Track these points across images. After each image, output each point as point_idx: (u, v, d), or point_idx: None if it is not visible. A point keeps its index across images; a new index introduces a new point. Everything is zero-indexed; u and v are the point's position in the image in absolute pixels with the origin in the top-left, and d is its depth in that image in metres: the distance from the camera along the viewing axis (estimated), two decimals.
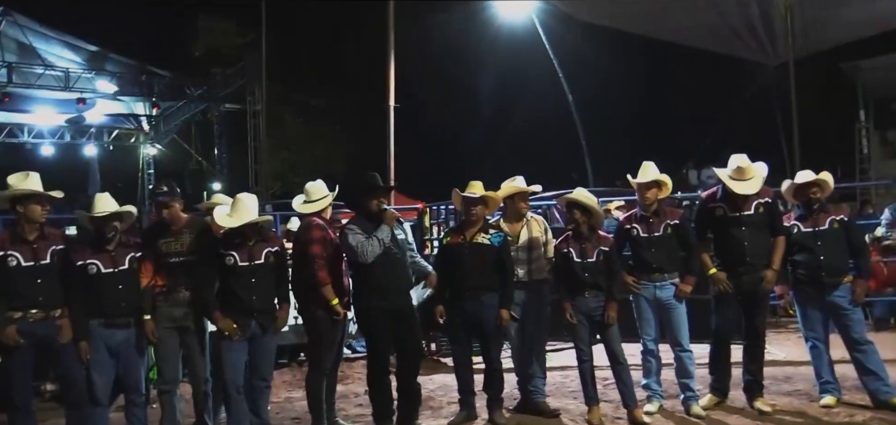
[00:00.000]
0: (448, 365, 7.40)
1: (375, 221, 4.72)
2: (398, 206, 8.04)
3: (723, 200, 5.12)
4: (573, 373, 6.27)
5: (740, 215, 5.04)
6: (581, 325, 5.03)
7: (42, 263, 4.33)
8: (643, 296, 5.14)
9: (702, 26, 13.66)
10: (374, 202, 4.77)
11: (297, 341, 7.66)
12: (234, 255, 4.60)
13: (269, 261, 4.68)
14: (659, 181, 5.17)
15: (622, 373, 5.01)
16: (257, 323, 4.65)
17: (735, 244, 5.05)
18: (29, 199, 4.33)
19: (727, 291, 5.04)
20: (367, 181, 4.87)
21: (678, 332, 5.11)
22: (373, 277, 4.71)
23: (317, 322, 4.84)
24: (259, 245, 4.68)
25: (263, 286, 4.66)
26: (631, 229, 5.21)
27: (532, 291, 5.25)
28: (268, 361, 4.79)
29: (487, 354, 5.05)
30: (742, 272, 5.04)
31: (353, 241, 4.65)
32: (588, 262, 5.00)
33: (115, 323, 4.49)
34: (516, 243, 5.26)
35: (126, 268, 4.55)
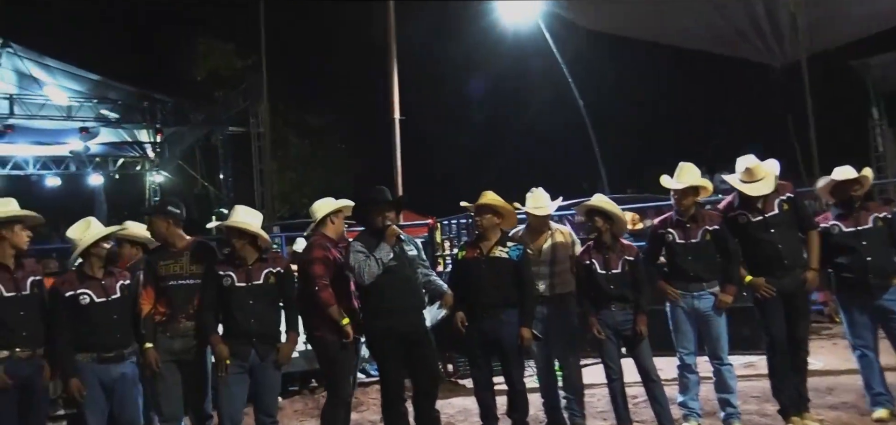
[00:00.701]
0: (468, 388, 7.08)
1: (378, 237, 4.45)
2: (408, 222, 7.76)
3: (742, 207, 4.82)
4: (600, 391, 5.95)
5: (765, 218, 4.73)
6: (608, 341, 4.71)
7: (24, 294, 4.04)
8: (680, 306, 4.80)
9: (707, 29, 13.46)
10: (379, 217, 4.49)
11: (308, 367, 7.38)
12: (232, 275, 4.31)
13: (269, 281, 4.36)
14: (697, 187, 4.84)
15: (656, 391, 4.68)
16: (256, 350, 4.32)
17: (768, 248, 4.73)
18: (12, 224, 4.05)
19: (771, 294, 4.69)
20: (372, 195, 4.60)
21: (718, 345, 4.77)
22: (379, 298, 4.42)
23: (327, 347, 4.54)
24: (258, 265, 4.37)
25: (262, 309, 4.34)
26: (666, 234, 4.87)
27: (555, 306, 4.93)
28: (271, 394, 4.47)
29: (509, 375, 4.71)
30: (780, 275, 4.70)
31: (353, 261, 4.39)
32: (612, 273, 4.69)
33: (108, 357, 4.19)
34: (539, 256, 4.96)
35: (118, 296, 4.25)
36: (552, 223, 5.15)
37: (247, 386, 4.38)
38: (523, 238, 5.01)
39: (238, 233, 4.36)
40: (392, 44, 8.34)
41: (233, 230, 4.38)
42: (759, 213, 4.74)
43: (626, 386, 4.86)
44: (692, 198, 4.81)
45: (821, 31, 12.65)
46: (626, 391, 4.82)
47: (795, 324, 4.77)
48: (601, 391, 5.96)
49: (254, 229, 4.39)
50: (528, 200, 5.02)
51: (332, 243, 4.64)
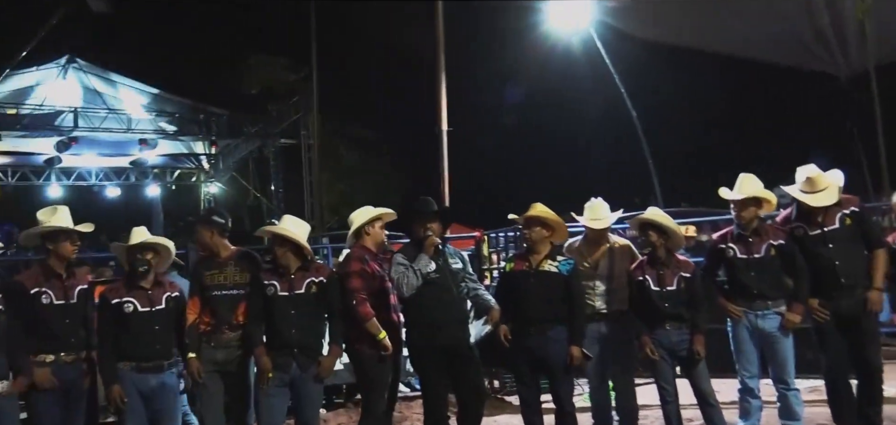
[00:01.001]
0: (514, 405, 6.90)
1: (419, 248, 4.38)
2: (454, 235, 7.65)
3: (799, 219, 4.54)
4: (651, 413, 5.70)
5: (824, 232, 4.44)
6: (663, 361, 4.48)
7: (71, 303, 4.13)
8: (743, 325, 4.54)
9: (767, 38, 13.00)
10: (421, 228, 4.41)
11: (353, 380, 7.31)
12: (275, 284, 4.27)
13: (311, 291, 4.28)
14: (758, 198, 4.59)
15: (714, 416, 4.42)
16: (297, 362, 4.24)
17: (824, 264, 4.44)
18: (58, 236, 4.14)
19: (824, 318, 4.40)
20: (415, 206, 4.53)
21: (783, 368, 4.48)
22: (420, 311, 4.34)
23: (363, 361, 4.43)
24: (300, 274, 4.30)
25: (304, 319, 4.26)
26: (726, 250, 4.62)
27: (613, 323, 4.71)
28: (312, 408, 4.37)
29: (557, 395, 4.53)
30: (837, 295, 4.41)
31: (394, 273, 4.34)
32: (667, 291, 4.47)
33: (147, 367, 4.20)
34: (596, 270, 4.76)
35: (162, 307, 4.27)
36: (612, 236, 4.93)
37: (287, 399, 4.31)
38: (579, 250, 4.83)
39: (281, 240, 4.33)
40: (440, 54, 8.29)
41: (276, 237, 4.36)
42: (817, 227, 4.46)
43: (682, 409, 4.61)
44: (753, 209, 4.55)
45: (889, 40, 12.05)
46: (681, 414, 4.57)
47: (863, 349, 4.44)
48: (653, 412, 5.71)
49: (295, 237, 4.34)
50: (586, 212, 4.83)
51: (371, 254, 4.53)
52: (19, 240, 6.94)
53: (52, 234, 4.14)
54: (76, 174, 17.76)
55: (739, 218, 4.57)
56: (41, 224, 4.16)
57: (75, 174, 17.74)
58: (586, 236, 4.92)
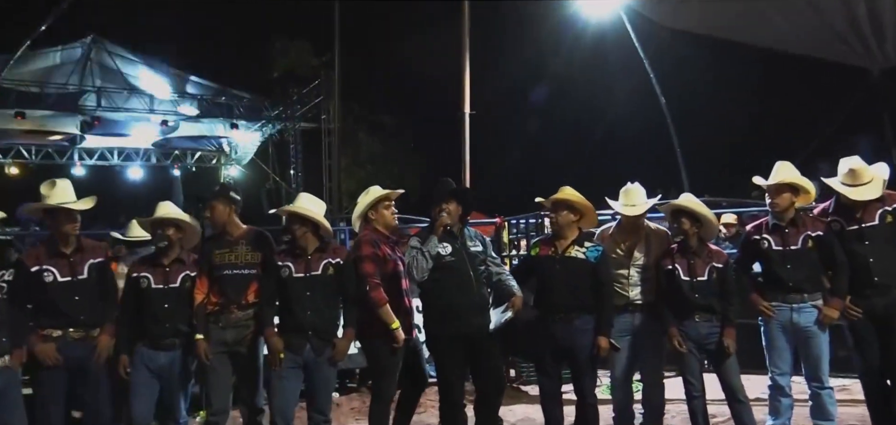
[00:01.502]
0: (531, 395, 6.77)
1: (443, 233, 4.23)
2: (474, 221, 7.52)
3: (837, 213, 4.32)
4: (674, 408, 5.52)
5: (861, 227, 4.23)
6: (691, 355, 4.30)
7: (79, 278, 4.04)
8: (777, 320, 4.34)
9: (800, 30, 12.66)
10: (436, 209, 4.27)
11: (367, 364, 7.23)
12: (290, 265, 4.17)
13: (327, 272, 4.19)
14: (794, 184, 4.37)
15: (743, 414, 4.24)
16: (312, 345, 4.15)
17: (858, 261, 4.23)
18: (57, 214, 4.05)
19: (857, 316, 4.19)
20: (435, 187, 4.39)
21: (818, 365, 4.29)
22: (436, 297, 4.20)
23: (375, 347, 4.31)
24: (317, 255, 4.20)
25: (320, 301, 4.17)
26: (761, 241, 4.41)
27: (646, 314, 4.51)
28: (325, 392, 4.29)
29: (580, 387, 4.36)
30: (870, 294, 4.20)
31: (408, 257, 4.21)
32: (698, 281, 4.28)
33: (159, 343, 4.13)
34: (630, 259, 4.55)
35: (177, 285, 4.19)
36: (649, 223, 4.72)
37: (300, 382, 4.22)
38: (613, 237, 4.63)
39: (300, 219, 4.22)
40: (465, 36, 8.14)
41: (294, 216, 4.25)
42: (855, 222, 4.24)
43: (707, 404, 4.43)
44: (788, 196, 4.35)
45: None
46: (708, 410, 4.39)
47: (893, 352, 4.20)
48: (676, 407, 5.53)
49: (315, 216, 4.22)
50: (621, 197, 4.61)
51: (383, 237, 4.35)
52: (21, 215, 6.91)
53: (51, 212, 4.06)
54: (99, 154, 17.90)
55: (774, 205, 4.37)
56: (43, 198, 4.07)
57: (98, 154, 17.88)
58: (620, 223, 4.71)
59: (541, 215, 7.52)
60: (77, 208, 4.11)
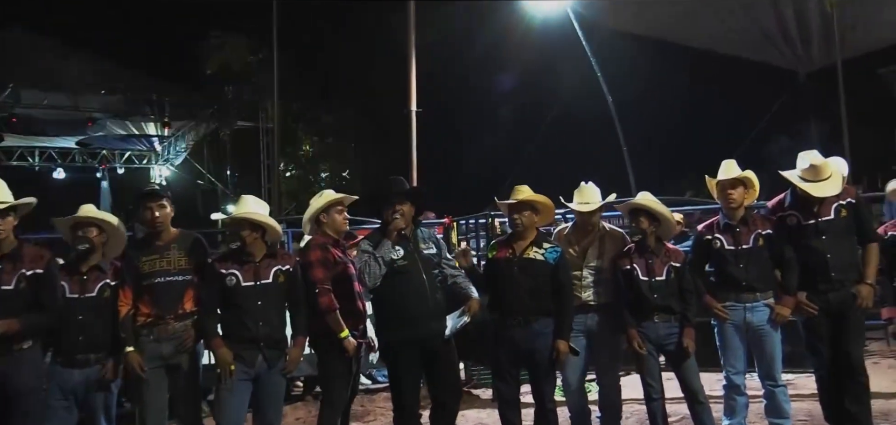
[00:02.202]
0: (483, 399, 6.64)
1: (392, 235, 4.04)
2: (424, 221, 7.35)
3: (793, 207, 4.32)
4: (630, 408, 5.48)
5: (817, 222, 4.23)
6: (650, 356, 4.23)
7: (7, 289, 3.65)
8: (731, 320, 4.32)
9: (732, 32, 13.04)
10: (389, 211, 4.08)
11: (313, 372, 6.97)
12: (237, 274, 3.91)
13: (278, 280, 3.97)
14: (745, 180, 4.37)
15: (703, 415, 4.20)
16: (264, 356, 3.92)
17: (814, 256, 4.23)
18: None
19: (813, 312, 4.20)
20: (383, 187, 4.20)
21: (772, 363, 4.29)
22: (390, 304, 4.00)
23: (325, 353, 4.14)
24: (267, 261, 3.98)
25: (271, 311, 3.96)
26: (713, 241, 4.38)
27: (602, 315, 4.43)
28: (276, 404, 4.04)
29: (539, 391, 4.23)
30: (825, 290, 4.20)
31: (358, 261, 4.03)
32: (656, 281, 4.23)
33: (72, 360, 3.79)
34: (584, 260, 4.47)
35: (94, 295, 3.85)
36: (605, 224, 4.65)
37: (249, 395, 3.96)
38: (567, 238, 4.53)
39: (250, 225, 3.94)
40: (411, 33, 7.95)
41: (244, 222, 3.96)
42: (811, 216, 4.25)
43: (666, 404, 4.35)
44: (741, 190, 4.34)
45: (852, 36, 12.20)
46: (667, 411, 4.34)
47: (846, 344, 4.24)
48: (631, 407, 5.50)
49: (267, 221, 3.99)
50: (575, 196, 4.52)
51: (333, 241, 4.21)
52: None
53: None
54: (18, 154, 16.81)
55: (731, 200, 4.35)
56: None
57: (17, 153, 16.79)
58: (575, 223, 4.63)
59: (490, 215, 7.42)
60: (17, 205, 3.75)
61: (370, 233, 4.25)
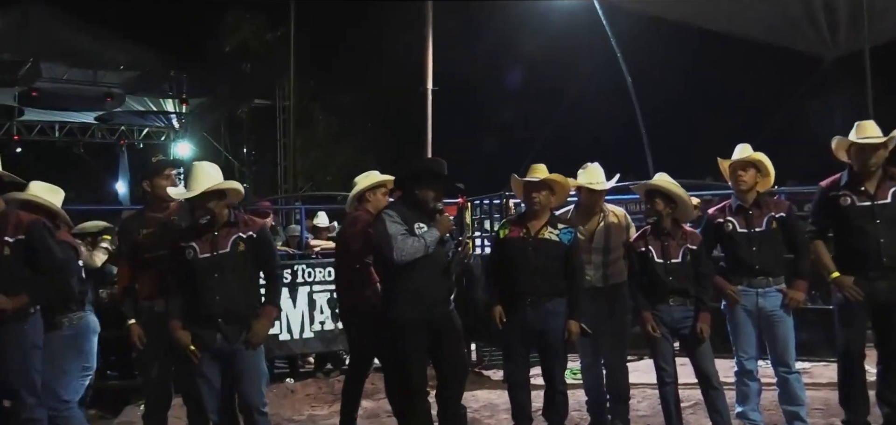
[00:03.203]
0: (493, 380, 6.61)
1: (423, 215, 3.94)
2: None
3: (849, 187, 4.14)
4: (641, 392, 5.43)
5: (873, 204, 4.05)
6: (664, 340, 4.16)
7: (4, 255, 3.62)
8: (741, 304, 4.24)
9: (758, 16, 12.78)
10: (432, 194, 3.96)
11: (324, 349, 6.99)
12: (194, 246, 3.69)
13: (238, 249, 3.70)
14: (757, 163, 4.27)
15: (717, 401, 4.13)
16: (223, 333, 3.68)
17: (867, 241, 4.04)
18: None
19: (857, 299, 4.05)
20: (429, 166, 4.16)
21: (785, 350, 4.21)
22: (409, 281, 3.90)
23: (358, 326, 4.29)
24: (227, 231, 3.72)
25: (230, 283, 3.67)
26: (724, 224, 4.29)
27: (607, 298, 4.40)
28: (253, 382, 3.73)
29: (550, 373, 4.19)
30: (875, 277, 4.02)
31: (392, 230, 3.82)
32: (671, 264, 4.15)
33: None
34: (590, 241, 4.42)
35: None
36: (607, 206, 4.60)
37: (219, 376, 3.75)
38: (571, 221, 4.47)
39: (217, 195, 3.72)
40: (428, 10, 7.85)
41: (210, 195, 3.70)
42: (867, 198, 4.07)
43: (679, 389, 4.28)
44: (752, 172, 4.25)
45: (877, 23, 11.91)
46: (679, 396, 4.27)
47: (891, 333, 4.09)
48: (642, 392, 5.44)
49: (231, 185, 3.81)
50: (581, 176, 4.46)
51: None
52: None
53: None
54: (39, 128, 16.97)
55: (740, 182, 4.25)
56: None
57: (38, 128, 16.95)
58: (579, 205, 4.59)
59: (504, 195, 7.36)
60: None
61: (394, 205, 4.11)
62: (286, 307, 6.63)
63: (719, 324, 4.42)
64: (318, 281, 6.82)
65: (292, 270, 6.77)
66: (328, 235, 8.13)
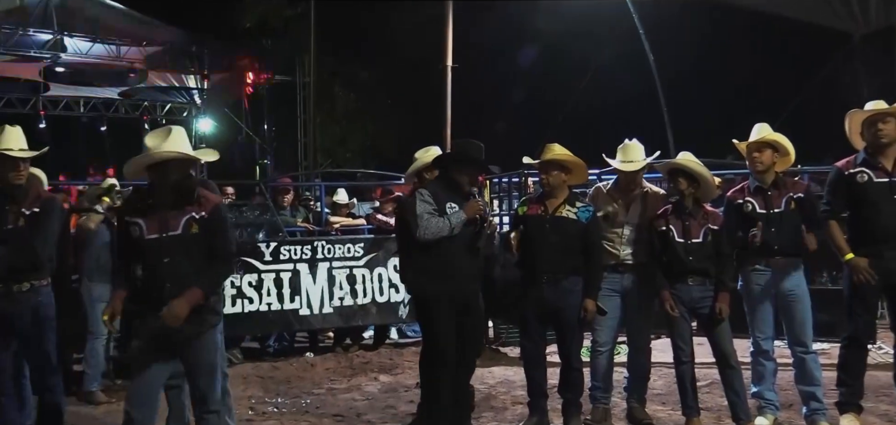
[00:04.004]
0: (510, 357, 6.66)
1: (456, 195, 4.00)
2: None
3: (866, 164, 4.08)
4: (656, 371, 5.42)
5: (892, 180, 3.99)
6: (682, 319, 4.17)
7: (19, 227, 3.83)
8: (758, 284, 4.22)
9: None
10: (466, 178, 4.05)
11: (343, 324, 7.08)
12: (140, 224, 3.26)
13: (190, 231, 3.28)
14: (775, 143, 4.23)
15: (734, 380, 4.13)
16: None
17: (885, 218, 3.99)
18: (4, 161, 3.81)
19: (870, 281, 4.00)
20: (467, 151, 4.16)
21: (802, 330, 4.20)
22: (437, 259, 3.97)
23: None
24: (178, 210, 3.29)
25: (180, 268, 3.26)
26: (744, 204, 4.27)
27: (637, 275, 4.38)
28: (206, 376, 3.35)
29: (566, 351, 4.23)
30: (890, 257, 3.99)
31: (419, 209, 3.92)
32: (692, 243, 4.14)
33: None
34: (626, 213, 4.41)
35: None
36: (647, 183, 4.59)
37: (165, 369, 3.39)
38: (610, 194, 4.50)
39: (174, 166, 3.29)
40: None
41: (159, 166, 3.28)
42: (885, 175, 4.01)
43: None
44: (770, 153, 4.21)
45: None
46: (695, 374, 4.28)
47: None
48: (658, 370, 5.44)
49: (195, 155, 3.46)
50: (618, 154, 4.48)
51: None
52: None
53: None
54: (64, 103, 17.20)
55: (757, 163, 4.23)
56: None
57: (63, 103, 17.18)
58: (618, 181, 4.58)
59: (524, 173, 7.34)
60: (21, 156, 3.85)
61: (431, 184, 4.17)
62: (306, 283, 6.73)
63: (736, 304, 4.40)
64: (337, 257, 6.89)
65: (312, 246, 6.84)
66: (347, 212, 8.18)
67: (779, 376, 4.44)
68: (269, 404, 5.33)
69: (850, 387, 4.15)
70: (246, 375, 6.13)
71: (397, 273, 7.01)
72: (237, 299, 6.43)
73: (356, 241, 7.12)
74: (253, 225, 7.78)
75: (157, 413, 3.40)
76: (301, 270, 6.72)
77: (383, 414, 5.05)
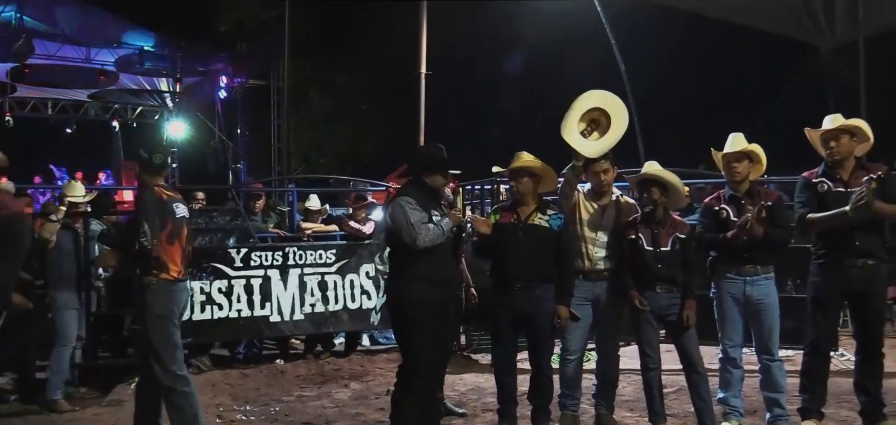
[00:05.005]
0: (481, 364, 6.67)
1: (433, 203, 4.02)
2: None
3: (825, 175, 4.24)
4: (624, 378, 5.47)
5: (847, 191, 4.13)
6: (649, 325, 4.22)
7: None
8: (729, 292, 4.29)
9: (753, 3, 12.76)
10: (440, 179, 4.06)
11: (314, 331, 7.02)
12: None
13: None
14: (750, 153, 4.31)
15: (700, 386, 4.19)
16: None
17: (842, 228, 4.12)
18: None
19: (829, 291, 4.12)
20: (435, 155, 4.14)
21: (769, 337, 4.27)
22: (421, 264, 3.97)
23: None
24: None
25: None
26: (720, 212, 4.34)
27: (611, 282, 4.41)
28: None
29: (538, 357, 4.26)
30: (850, 265, 4.12)
31: (414, 218, 3.88)
32: (661, 251, 4.20)
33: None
34: (601, 217, 4.44)
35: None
36: (621, 195, 4.63)
37: None
38: (586, 195, 4.52)
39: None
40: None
41: None
42: (841, 184, 4.15)
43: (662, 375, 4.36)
44: (745, 164, 4.30)
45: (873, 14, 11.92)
46: (662, 381, 4.33)
47: (866, 319, 4.21)
48: (627, 377, 5.49)
49: None
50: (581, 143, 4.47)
51: None
52: None
53: None
54: (31, 105, 16.87)
55: (734, 173, 4.31)
56: None
57: (30, 105, 16.85)
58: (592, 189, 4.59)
59: (496, 181, 7.37)
60: None
61: (407, 189, 4.13)
62: (277, 289, 6.66)
63: (705, 311, 4.47)
64: (309, 263, 6.84)
65: (283, 253, 6.79)
66: (320, 218, 8.13)
67: (744, 383, 4.51)
68: (237, 412, 5.27)
69: (812, 394, 4.26)
70: (215, 382, 6.05)
71: (369, 279, 7.02)
72: (206, 305, 6.35)
73: (328, 248, 7.08)
74: (223, 230, 7.70)
75: None
76: (272, 276, 6.64)
77: (353, 421, 5.02)
